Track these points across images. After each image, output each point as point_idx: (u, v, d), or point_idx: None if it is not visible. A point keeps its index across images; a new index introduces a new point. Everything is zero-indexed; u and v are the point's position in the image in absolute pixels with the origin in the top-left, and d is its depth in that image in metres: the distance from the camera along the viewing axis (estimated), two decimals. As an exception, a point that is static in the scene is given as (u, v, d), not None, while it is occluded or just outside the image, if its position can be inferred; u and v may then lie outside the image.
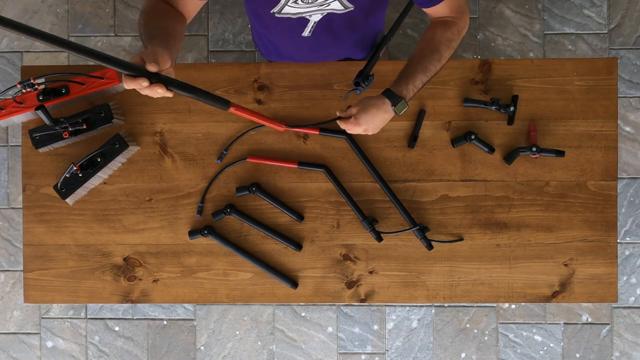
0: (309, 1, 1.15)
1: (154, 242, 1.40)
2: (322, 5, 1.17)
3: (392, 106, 1.15)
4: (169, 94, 0.95)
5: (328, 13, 1.20)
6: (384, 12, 1.36)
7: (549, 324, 2.08)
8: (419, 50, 1.19)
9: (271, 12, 1.19)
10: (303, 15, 1.20)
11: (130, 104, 1.40)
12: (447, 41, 1.17)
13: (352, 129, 1.19)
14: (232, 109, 1.06)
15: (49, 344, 2.13)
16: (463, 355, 2.09)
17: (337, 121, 1.21)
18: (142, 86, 0.91)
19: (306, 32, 1.27)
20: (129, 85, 0.91)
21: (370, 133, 1.19)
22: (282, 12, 1.19)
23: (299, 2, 1.15)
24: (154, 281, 1.40)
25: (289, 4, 1.15)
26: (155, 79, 0.91)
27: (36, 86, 1.28)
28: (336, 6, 1.18)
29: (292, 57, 1.40)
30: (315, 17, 1.22)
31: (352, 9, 1.19)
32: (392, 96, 1.15)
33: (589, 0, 2.12)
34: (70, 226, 1.40)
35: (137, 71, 0.90)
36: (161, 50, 0.94)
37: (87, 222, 1.40)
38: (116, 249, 1.40)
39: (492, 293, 1.38)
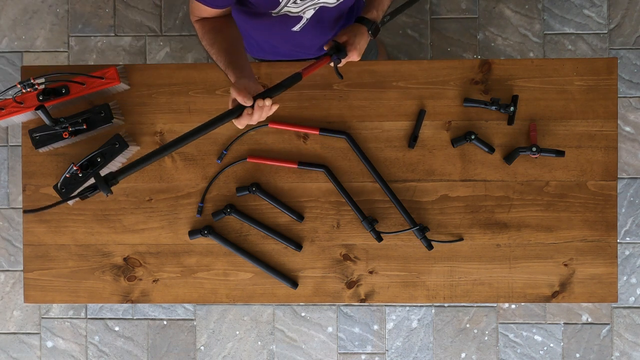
0: None
1: (154, 242, 1.40)
2: (314, 0, 1.18)
3: (368, 31, 1.24)
4: (271, 104, 1.10)
5: (320, 7, 1.22)
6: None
7: (549, 324, 2.08)
8: None
9: (269, 12, 1.20)
10: (298, 13, 1.22)
11: (130, 104, 1.40)
12: None
13: (353, 57, 1.23)
14: (304, 76, 1.17)
15: (49, 344, 2.13)
16: (463, 355, 2.09)
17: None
18: (249, 114, 1.09)
19: (297, 27, 1.29)
20: (242, 124, 1.11)
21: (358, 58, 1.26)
22: (281, 12, 1.20)
23: (298, 1, 1.17)
24: (154, 281, 1.40)
25: (287, 5, 1.17)
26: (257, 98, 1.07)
27: (36, 86, 1.28)
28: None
29: (273, 51, 1.42)
30: (309, 14, 1.23)
31: (342, 0, 1.22)
32: (368, 22, 1.25)
33: (589, 0, 2.12)
34: (70, 226, 1.40)
35: (237, 110, 1.09)
36: (246, 82, 1.11)
37: (87, 222, 1.40)
38: (116, 249, 1.40)
39: (492, 293, 1.38)
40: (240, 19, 1.31)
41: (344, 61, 1.23)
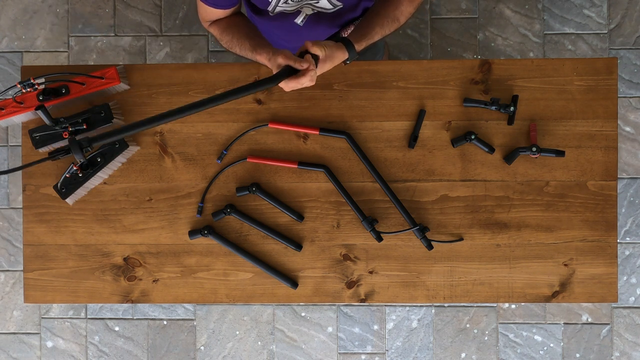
0: (298, 0, 1.17)
1: (154, 242, 1.40)
2: (311, 1, 1.18)
3: (346, 60, 1.18)
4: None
5: (318, 10, 1.22)
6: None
7: (549, 324, 2.08)
8: (383, 16, 1.22)
9: (266, 9, 1.22)
10: (295, 9, 1.24)
11: (130, 104, 1.40)
12: (408, 13, 1.24)
13: (309, 78, 1.13)
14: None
15: (49, 344, 2.13)
16: (463, 355, 2.09)
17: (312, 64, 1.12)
18: (304, 75, 1.09)
19: (298, 20, 1.29)
20: (291, 87, 1.11)
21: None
22: (275, 11, 1.21)
23: (289, 1, 1.17)
24: (154, 281, 1.40)
25: (279, 4, 1.17)
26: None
27: (36, 86, 1.28)
28: (325, 5, 1.20)
29: (283, 45, 1.43)
30: (307, 10, 1.24)
31: (341, 6, 1.21)
32: (353, 54, 1.17)
33: (589, 0, 2.13)
34: (70, 226, 1.40)
35: (285, 73, 1.08)
36: (284, 51, 1.11)
37: (87, 222, 1.40)
38: (116, 249, 1.40)
39: (492, 293, 1.38)
40: (249, 15, 1.32)
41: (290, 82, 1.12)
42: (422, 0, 1.26)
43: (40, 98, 1.33)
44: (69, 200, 1.38)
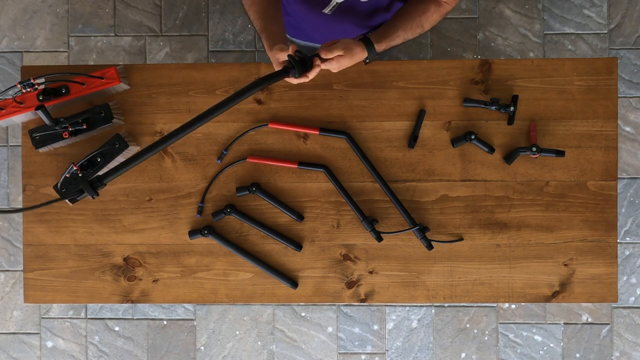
0: None
1: (154, 242, 1.40)
2: None
3: (366, 59, 1.20)
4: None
5: None
6: None
7: (549, 324, 2.08)
8: (408, 20, 1.22)
9: None
10: None
11: (130, 104, 1.40)
12: (434, 21, 1.23)
13: (329, 68, 1.18)
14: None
15: (49, 344, 2.13)
16: (463, 355, 2.09)
17: (318, 61, 1.17)
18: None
19: (327, 10, 1.28)
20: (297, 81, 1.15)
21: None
22: None
23: None
24: (154, 281, 1.40)
25: None
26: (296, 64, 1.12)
27: (36, 86, 1.28)
28: None
29: (307, 35, 1.42)
30: None
31: None
32: (373, 53, 1.19)
33: (589, 0, 2.12)
34: (70, 226, 1.40)
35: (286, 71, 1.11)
36: (281, 46, 1.13)
37: (87, 222, 1.40)
38: (116, 249, 1.40)
39: (492, 293, 1.38)
40: None
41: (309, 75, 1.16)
42: (449, 10, 1.24)
43: (40, 98, 1.33)
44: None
